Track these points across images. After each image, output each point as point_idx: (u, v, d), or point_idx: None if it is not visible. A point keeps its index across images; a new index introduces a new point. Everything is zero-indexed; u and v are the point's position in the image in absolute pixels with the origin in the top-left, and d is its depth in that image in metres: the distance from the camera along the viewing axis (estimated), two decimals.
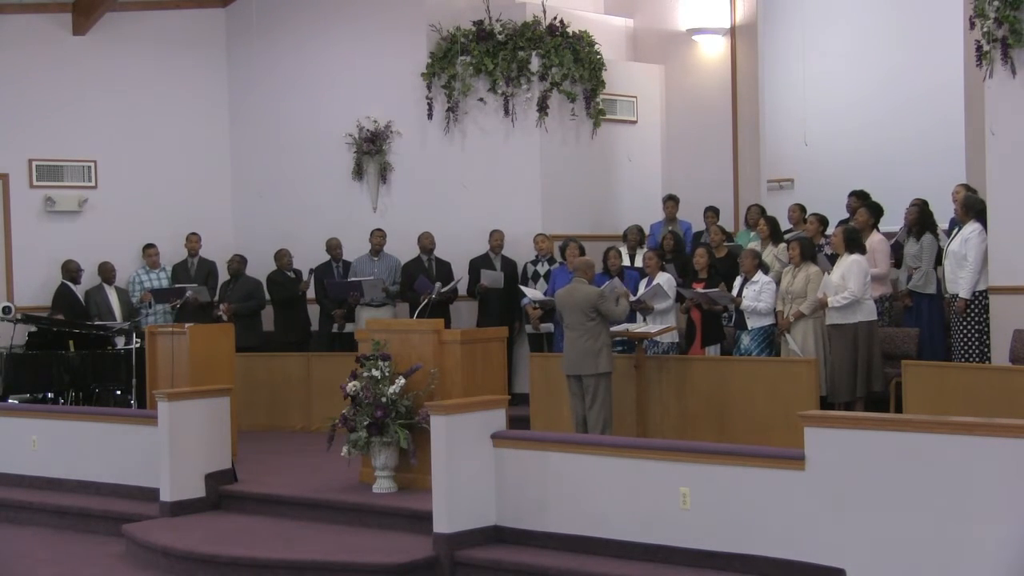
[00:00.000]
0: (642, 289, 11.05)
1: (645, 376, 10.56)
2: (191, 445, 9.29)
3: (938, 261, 10.87)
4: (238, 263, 13.58)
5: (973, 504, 6.02)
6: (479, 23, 13.29)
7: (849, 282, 10.08)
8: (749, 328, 10.59)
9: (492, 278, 12.59)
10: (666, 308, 10.97)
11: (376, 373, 8.94)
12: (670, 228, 12.80)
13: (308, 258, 13.68)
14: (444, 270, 12.91)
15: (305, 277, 13.55)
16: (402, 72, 13.63)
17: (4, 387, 11.98)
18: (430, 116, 13.49)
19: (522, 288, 12.27)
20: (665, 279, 11.02)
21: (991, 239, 10.09)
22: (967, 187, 11.05)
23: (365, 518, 8.58)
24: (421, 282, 12.19)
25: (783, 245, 11.25)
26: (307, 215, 14.28)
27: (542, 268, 12.49)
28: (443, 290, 11.77)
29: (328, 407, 10.43)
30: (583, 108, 13.43)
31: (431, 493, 7.72)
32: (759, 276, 10.61)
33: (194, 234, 14.09)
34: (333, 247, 13.60)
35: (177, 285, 13.38)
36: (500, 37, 13.21)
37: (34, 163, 14.01)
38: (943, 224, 11.42)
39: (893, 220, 11.81)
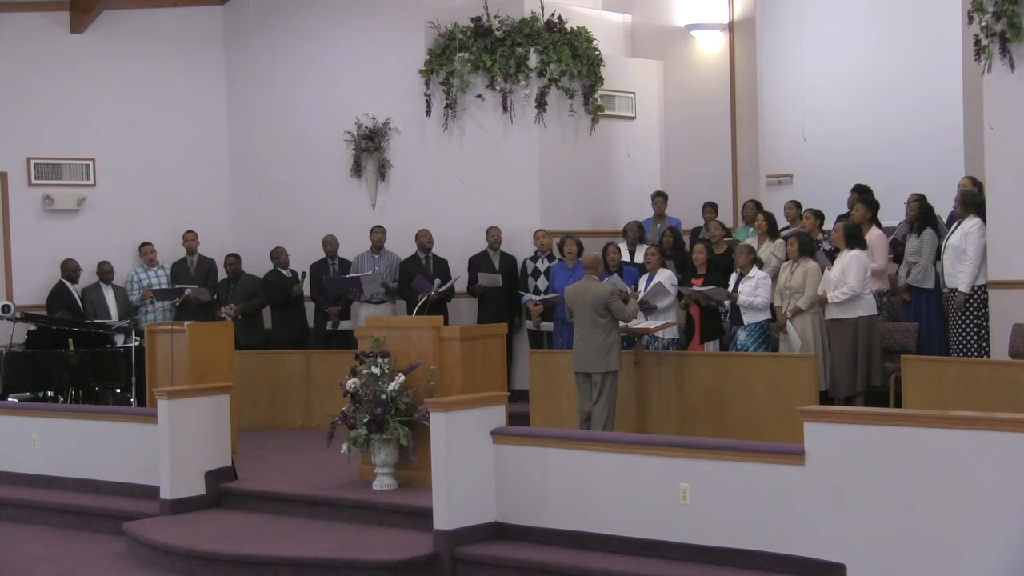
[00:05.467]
0: (643, 285, 11.05)
1: (645, 372, 10.57)
2: (191, 443, 9.29)
3: (938, 256, 10.87)
4: (235, 262, 13.58)
5: (973, 498, 6.03)
6: (477, 19, 13.29)
7: (849, 277, 10.08)
8: (745, 324, 10.60)
9: (489, 280, 12.63)
10: (667, 305, 10.97)
11: (376, 370, 8.94)
12: (660, 225, 12.82)
13: (307, 256, 13.67)
14: (441, 267, 12.91)
15: (299, 279, 13.54)
16: (400, 69, 13.63)
17: (4, 386, 11.97)
18: (428, 113, 13.49)
19: (522, 294, 12.30)
20: (666, 276, 11.02)
21: (990, 233, 10.09)
22: (973, 179, 11.04)
23: (365, 515, 8.58)
24: (419, 281, 12.19)
25: (780, 241, 11.26)
26: (306, 212, 14.27)
27: (542, 265, 12.49)
28: (441, 289, 11.77)
29: (328, 404, 10.44)
30: (581, 104, 13.44)
31: (431, 490, 7.72)
32: (754, 271, 10.62)
33: (191, 232, 14.07)
34: (327, 244, 13.59)
35: (178, 285, 13.40)
36: (498, 33, 13.21)
37: (32, 162, 14.00)
38: (942, 217, 11.41)
39: (892, 215, 11.81)
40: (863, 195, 11.46)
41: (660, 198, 13.21)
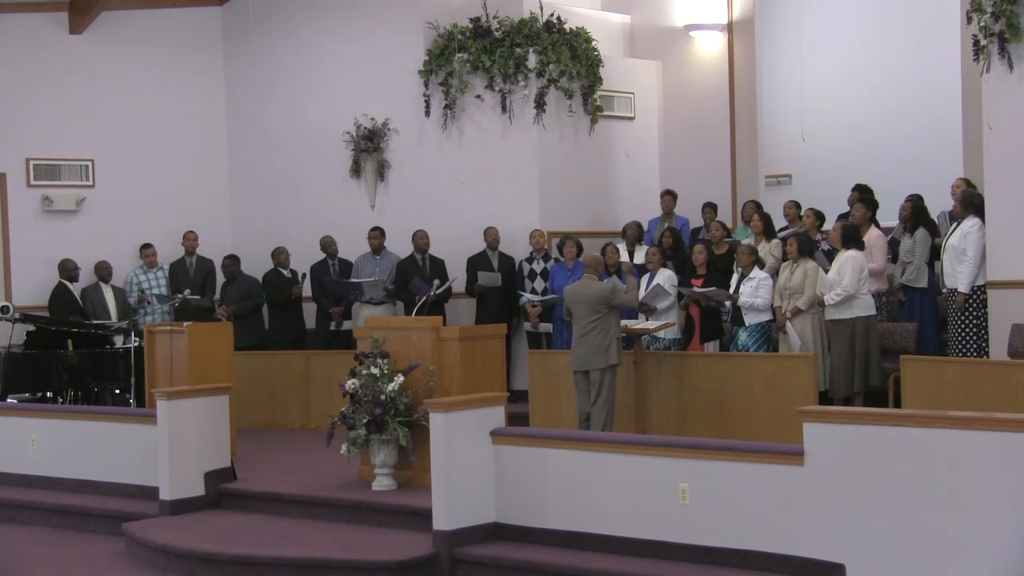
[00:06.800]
0: (643, 285, 11.05)
1: (644, 372, 10.57)
2: (190, 443, 9.29)
3: (934, 255, 10.88)
4: (231, 264, 13.57)
5: (972, 498, 6.03)
6: (476, 20, 13.29)
7: (844, 277, 10.08)
8: (746, 324, 10.60)
9: (489, 279, 12.63)
10: (667, 306, 10.97)
11: (375, 371, 8.94)
12: (667, 224, 12.81)
13: (306, 256, 13.68)
14: (438, 268, 12.91)
15: (299, 280, 13.53)
16: (399, 69, 13.63)
17: (3, 387, 11.96)
18: (427, 113, 13.49)
19: (521, 294, 12.30)
20: (666, 276, 11.02)
21: (989, 234, 10.09)
22: (967, 181, 11.05)
23: (365, 516, 8.58)
24: (416, 283, 12.19)
25: (776, 241, 11.27)
26: (305, 213, 14.27)
27: (539, 265, 12.49)
28: (438, 291, 11.77)
29: (327, 405, 10.44)
30: (580, 105, 13.44)
31: (430, 490, 7.72)
32: (755, 272, 10.63)
33: (191, 232, 14.07)
34: (327, 244, 13.60)
35: (177, 295, 13.40)
36: (497, 34, 13.21)
37: (31, 162, 14.00)
38: (946, 214, 11.41)
39: (892, 216, 11.81)
40: (863, 195, 11.46)
41: (669, 196, 13.19)
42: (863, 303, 10.19)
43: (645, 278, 11.19)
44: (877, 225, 11.21)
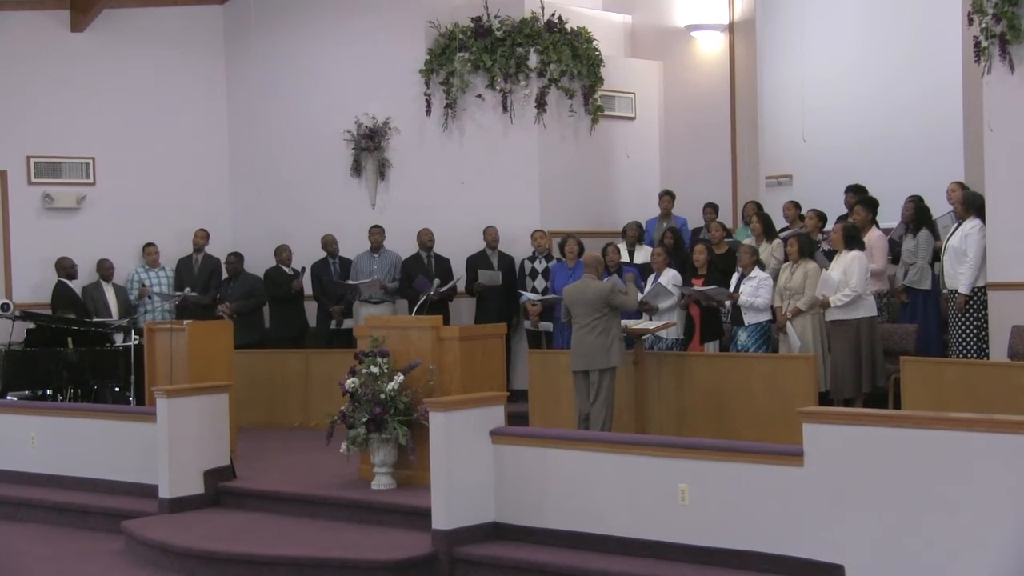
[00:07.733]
0: (648, 285, 11.05)
1: (644, 372, 10.56)
2: (190, 442, 9.29)
3: (935, 257, 10.88)
4: (235, 261, 13.58)
5: (972, 500, 6.03)
6: (477, 19, 13.29)
7: (851, 279, 10.07)
8: (746, 324, 10.60)
9: (490, 277, 12.63)
10: (670, 306, 10.96)
11: (375, 370, 8.94)
12: (665, 224, 12.82)
13: (307, 255, 13.68)
14: (443, 267, 12.92)
15: (299, 274, 13.54)
16: (400, 69, 13.63)
17: (3, 384, 11.97)
18: (428, 113, 13.49)
19: (521, 292, 12.30)
20: (670, 276, 11.01)
21: (990, 235, 10.09)
22: (961, 184, 11.05)
23: (364, 515, 8.58)
24: (420, 281, 12.20)
25: (777, 241, 11.26)
26: (306, 212, 14.27)
27: (540, 265, 12.49)
28: (442, 289, 11.77)
29: (327, 403, 10.44)
30: (581, 104, 13.45)
31: (430, 490, 7.72)
32: (756, 272, 10.63)
33: (202, 230, 14.08)
34: (328, 243, 13.61)
35: (177, 292, 13.43)
36: (498, 34, 13.21)
37: (32, 160, 14.00)
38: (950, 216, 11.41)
39: (892, 217, 11.81)
40: (861, 196, 11.45)
41: (668, 197, 13.21)
42: (867, 304, 10.18)
43: (650, 278, 11.20)
44: (877, 226, 11.20)
